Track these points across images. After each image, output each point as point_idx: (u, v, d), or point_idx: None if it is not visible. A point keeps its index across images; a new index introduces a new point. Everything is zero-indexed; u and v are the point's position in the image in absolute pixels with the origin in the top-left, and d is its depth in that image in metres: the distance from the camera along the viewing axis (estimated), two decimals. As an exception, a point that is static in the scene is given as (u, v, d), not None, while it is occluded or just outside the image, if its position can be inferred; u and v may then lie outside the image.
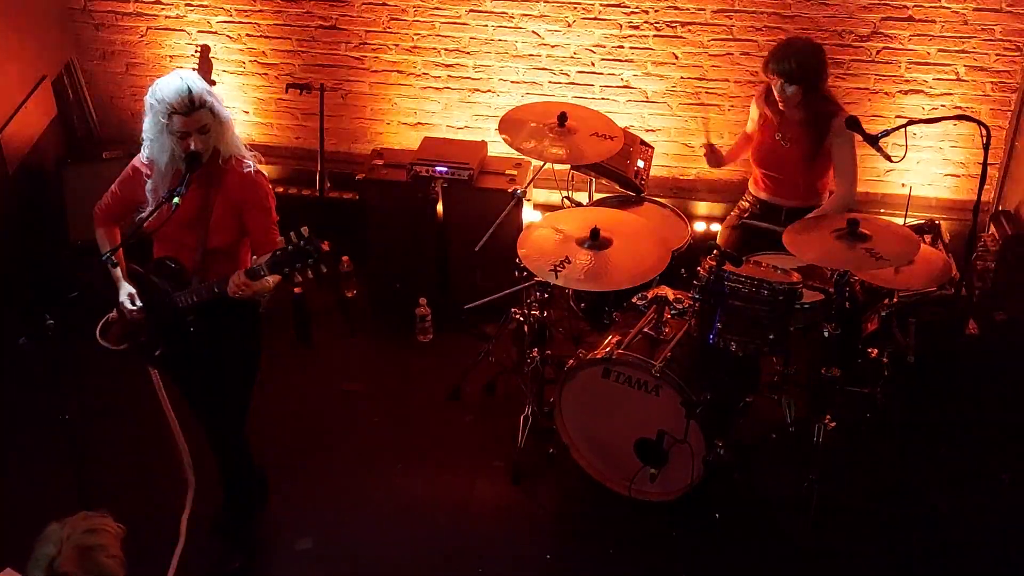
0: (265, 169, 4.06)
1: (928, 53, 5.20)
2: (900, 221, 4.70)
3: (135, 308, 3.71)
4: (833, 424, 4.22)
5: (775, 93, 4.58)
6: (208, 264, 3.63)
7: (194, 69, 5.44)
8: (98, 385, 4.98)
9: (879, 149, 4.40)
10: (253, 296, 3.54)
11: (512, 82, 5.66)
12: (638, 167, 5.08)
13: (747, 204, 4.88)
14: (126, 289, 3.74)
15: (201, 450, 4.18)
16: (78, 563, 2.54)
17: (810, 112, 4.56)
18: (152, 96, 3.46)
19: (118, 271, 3.77)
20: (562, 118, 4.71)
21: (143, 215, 3.62)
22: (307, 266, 3.32)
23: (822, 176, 4.73)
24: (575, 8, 5.39)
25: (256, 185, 3.64)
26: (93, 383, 4.96)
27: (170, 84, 3.43)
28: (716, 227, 5.47)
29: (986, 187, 4.56)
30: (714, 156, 5.17)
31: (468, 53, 5.63)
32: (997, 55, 5.15)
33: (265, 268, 3.39)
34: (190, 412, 4.07)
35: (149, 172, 3.63)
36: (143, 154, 3.65)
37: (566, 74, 5.58)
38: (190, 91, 3.41)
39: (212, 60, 5.60)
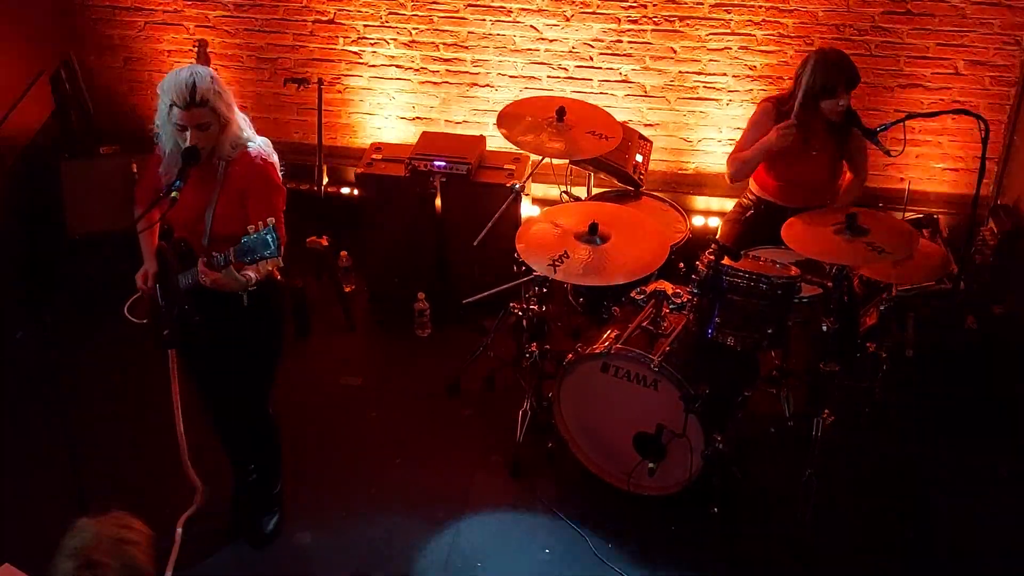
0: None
1: (927, 47, 5.19)
2: (899, 215, 4.70)
3: (146, 287, 3.73)
4: (832, 418, 4.22)
5: (834, 108, 4.44)
6: (215, 250, 3.60)
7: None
8: (96, 379, 4.99)
9: (877, 143, 4.40)
10: (226, 287, 3.51)
11: (510, 76, 5.65)
12: (636, 162, 5.09)
13: (748, 202, 4.86)
14: (145, 266, 3.77)
15: (203, 437, 4.20)
16: (111, 554, 2.49)
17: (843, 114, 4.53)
18: (161, 85, 3.47)
19: (146, 245, 3.78)
20: (560, 113, 4.70)
21: (142, 211, 3.64)
22: (264, 257, 3.33)
23: (842, 173, 4.73)
24: (573, 3, 5.38)
25: (261, 175, 3.61)
26: (91, 377, 4.97)
27: (178, 76, 3.43)
28: (715, 222, 5.47)
29: (984, 181, 4.55)
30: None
31: (466, 47, 5.62)
32: (996, 49, 5.14)
33: (233, 255, 3.38)
34: (200, 395, 4.08)
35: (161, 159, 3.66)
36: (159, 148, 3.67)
37: (564, 69, 5.58)
38: (194, 87, 3.39)
39: (210, 55, 5.59)
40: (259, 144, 3.65)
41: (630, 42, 5.44)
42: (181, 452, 4.18)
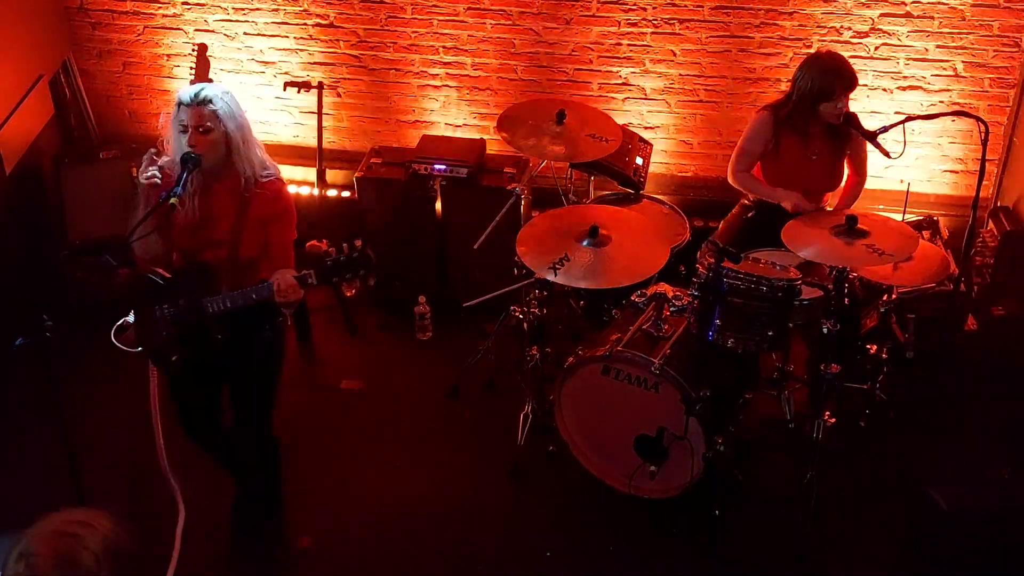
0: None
1: (926, 49, 5.19)
2: (898, 217, 4.70)
3: (163, 162, 3.65)
4: (832, 420, 4.22)
5: (832, 111, 4.43)
6: (235, 275, 3.64)
7: (191, 68, 5.43)
8: (96, 387, 4.99)
9: (877, 145, 4.40)
10: (288, 305, 3.54)
11: (510, 80, 5.66)
12: (637, 164, 5.09)
13: (749, 204, 4.86)
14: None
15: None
16: (48, 544, 2.39)
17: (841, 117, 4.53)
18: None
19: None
20: (560, 116, 4.71)
21: (141, 216, 3.64)
22: (357, 277, 3.37)
23: (842, 176, 4.73)
24: (573, 6, 5.38)
25: (284, 201, 3.70)
26: (92, 385, 4.97)
27: (193, 84, 3.59)
28: (715, 224, 5.46)
29: (984, 183, 4.55)
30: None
31: (466, 51, 5.62)
32: (995, 51, 5.15)
33: (314, 277, 3.41)
34: (195, 417, 4.07)
35: (159, 180, 3.67)
36: (162, 161, 3.70)
37: (564, 72, 5.58)
38: (201, 88, 3.50)
39: (209, 59, 5.59)
40: (277, 172, 3.73)
41: (630, 45, 5.45)
42: (159, 457, 4.11)
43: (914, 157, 5.40)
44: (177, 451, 4.29)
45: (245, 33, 5.78)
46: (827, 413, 4.21)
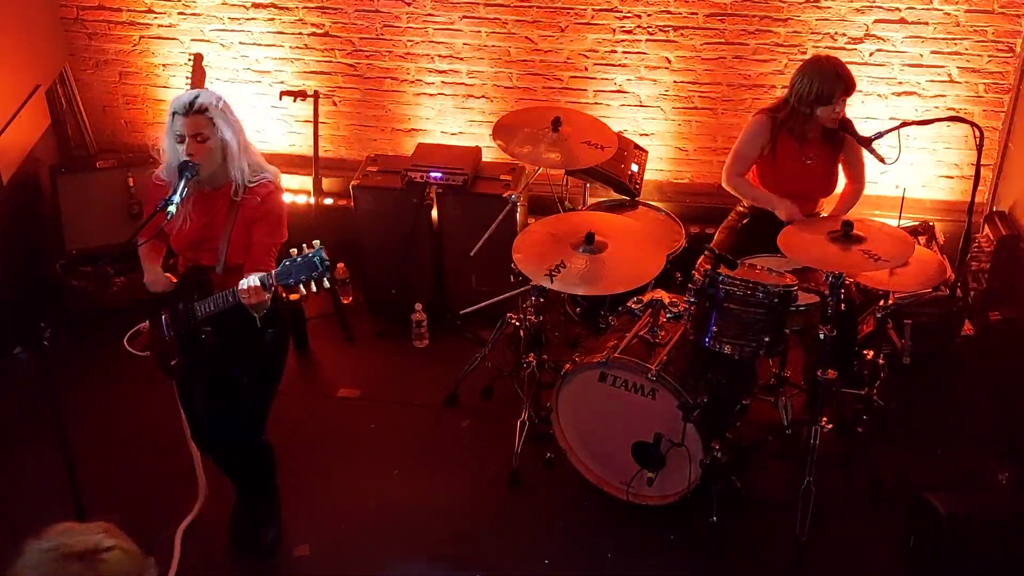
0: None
1: (921, 55, 5.21)
2: (894, 223, 4.70)
3: (156, 292, 3.74)
4: (830, 426, 4.22)
5: (830, 115, 4.43)
6: (226, 278, 3.64)
7: (187, 78, 5.44)
8: (95, 395, 4.98)
9: (872, 151, 4.41)
10: (255, 306, 3.54)
11: (506, 87, 5.67)
12: (632, 171, 5.09)
13: (744, 210, 4.87)
14: (154, 273, 3.77)
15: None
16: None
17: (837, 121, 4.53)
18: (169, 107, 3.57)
19: (145, 251, 3.80)
20: (556, 123, 4.71)
21: (140, 223, 3.67)
22: (311, 278, 3.35)
23: (837, 181, 4.73)
24: (568, 13, 5.40)
25: (271, 203, 3.68)
26: (90, 393, 4.97)
27: (185, 92, 3.56)
28: (711, 231, 5.47)
29: (980, 188, 4.55)
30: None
31: (461, 59, 5.63)
32: (990, 56, 5.16)
33: (272, 277, 3.40)
34: (193, 420, 4.08)
35: (161, 183, 3.70)
36: (159, 170, 3.73)
37: (559, 79, 5.59)
38: (196, 96, 3.50)
39: (205, 68, 5.60)
40: (272, 176, 3.72)
41: (625, 52, 5.46)
42: (194, 455, 4.21)
43: (909, 163, 5.40)
44: (177, 456, 4.32)
45: (241, 43, 5.79)
46: (824, 419, 4.21)
